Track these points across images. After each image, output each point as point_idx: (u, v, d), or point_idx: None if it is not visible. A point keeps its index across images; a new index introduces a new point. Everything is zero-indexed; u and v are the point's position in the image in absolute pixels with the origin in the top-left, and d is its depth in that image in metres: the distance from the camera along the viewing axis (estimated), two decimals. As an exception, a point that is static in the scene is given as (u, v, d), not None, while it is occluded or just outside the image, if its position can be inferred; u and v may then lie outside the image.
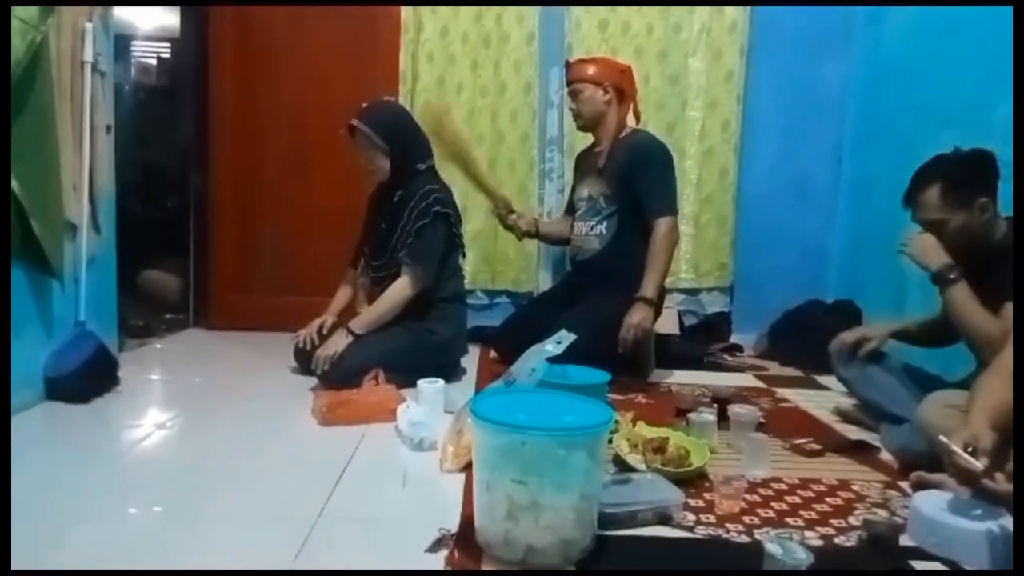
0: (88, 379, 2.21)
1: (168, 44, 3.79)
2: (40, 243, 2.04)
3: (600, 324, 2.49)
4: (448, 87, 3.40)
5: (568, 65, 2.88)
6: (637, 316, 2.55)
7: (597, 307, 2.61)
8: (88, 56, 2.28)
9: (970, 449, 1.34)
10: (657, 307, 2.66)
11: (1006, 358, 1.52)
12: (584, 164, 2.97)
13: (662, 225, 2.63)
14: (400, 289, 2.49)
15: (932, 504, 1.44)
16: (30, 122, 1.97)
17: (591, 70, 2.77)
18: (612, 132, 2.79)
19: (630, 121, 2.87)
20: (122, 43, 3.40)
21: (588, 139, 2.97)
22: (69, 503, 1.50)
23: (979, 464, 1.31)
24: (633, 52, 3.38)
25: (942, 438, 1.41)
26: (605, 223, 2.79)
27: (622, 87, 2.79)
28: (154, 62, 3.88)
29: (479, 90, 3.41)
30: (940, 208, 1.90)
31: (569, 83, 2.84)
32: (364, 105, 2.56)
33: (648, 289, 2.59)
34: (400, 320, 2.51)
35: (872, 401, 2.17)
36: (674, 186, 2.78)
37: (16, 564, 1.11)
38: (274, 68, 3.35)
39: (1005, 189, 1.98)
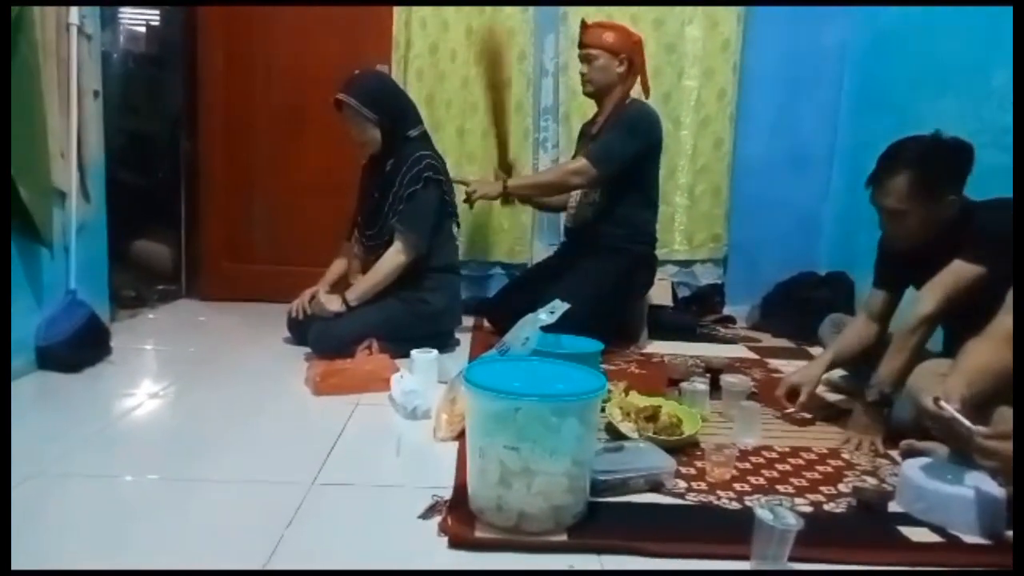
0: (79, 348, 2.20)
1: (157, 11, 3.72)
2: (28, 209, 2.01)
3: (593, 293, 2.49)
4: (442, 54, 3.34)
5: (584, 26, 2.76)
6: (487, 186, 2.70)
7: (590, 275, 2.60)
8: (74, 18, 2.23)
9: (941, 402, 1.37)
10: (505, 196, 2.74)
11: (995, 326, 1.52)
12: (585, 134, 2.92)
13: (579, 162, 2.65)
14: (393, 256, 2.48)
15: (920, 471, 1.46)
16: (13, 84, 1.92)
17: (610, 37, 2.68)
18: (616, 102, 2.74)
19: (636, 93, 2.80)
20: (111, 10, 3.33)
21: (584, 108, 2.93)
22: (62, 472, 1.50)
23: (948, 412, 1.34)
24: (629, 19, 3.32)
25: (921, 399, 1.41)
26: (597, 190, 2.76)
27: (633, 58, 2.73)
28: (143, 29, 3.81)
29: (473, 57, 3.36)
30: (905, 199, 1.78)
31: (583, 46, 2.74)
32: (353, 75, 2.52)
33: (513, 180, 2.75)
34: (394, 290, 2.50)
35: (861, 373, 2.18)
36: (623, 154, 2.62)
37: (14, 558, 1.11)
38: (265, 34, 3.29)
39: (1005, 180, 1.96)
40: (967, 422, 1.32)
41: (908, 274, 2.00)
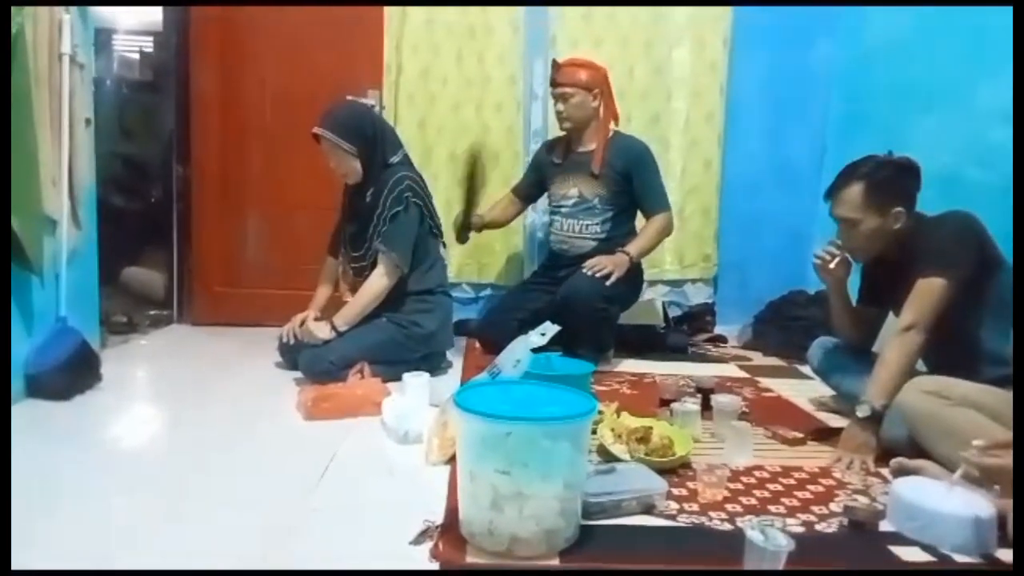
0: (70, 375, 2.19)
1: (150, 37, 3.75)
2: (18, 237, 2.01)
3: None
4: (433, 79, 3.38)
5: (556, 66, 2.86)
6: (615, 258, 2.67)
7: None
8: (66, 48, 2.24)
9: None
10: (631, 269, 2.73)
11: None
12: (569, 162, 2.93)
13: (663, 216, 2.81)
14: (377, 280, 2.49)
15: (911, 489, 1.47)
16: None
17: (583, 76, 2.80)
18: (603, 134, 2.84)
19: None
20: (104, 37, 3.37)
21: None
22: (52, 500, 1.49)
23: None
24: (618, 43, 3.38)
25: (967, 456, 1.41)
26: (600, 224, 2.86)
27: (604, 90, 2.84)
28: (136, 56, 3.84)
29: (464, 82, 3.40)
30: (858, 208, 1.93)
31: (557, 84, 2.83)
32: (328, 108, 2.54)
33: (632, 248, 2.72)
34: (385, 312, 2.51)
35: (850, 393, 2.18)
36: (664, 188, 2.90)
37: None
38: (257, 59, 3.32)
39: (988, 197, 2.01)
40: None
41: (886, 294, 2.05)
